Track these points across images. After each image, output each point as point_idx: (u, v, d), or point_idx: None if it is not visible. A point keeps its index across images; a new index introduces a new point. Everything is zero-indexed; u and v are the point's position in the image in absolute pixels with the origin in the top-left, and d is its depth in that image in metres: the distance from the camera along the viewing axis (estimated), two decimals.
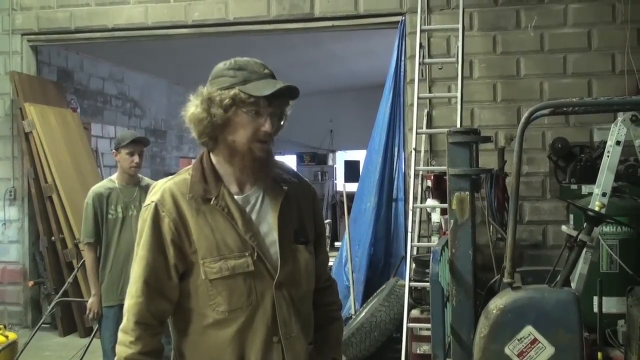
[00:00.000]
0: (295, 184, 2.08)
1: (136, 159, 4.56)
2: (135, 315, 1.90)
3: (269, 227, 1.97)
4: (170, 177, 2.03)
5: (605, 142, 4.15)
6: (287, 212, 2.00)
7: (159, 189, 1.96)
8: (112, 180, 4.66)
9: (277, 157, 2.06)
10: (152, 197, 1.96)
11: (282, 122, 2.00)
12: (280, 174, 2.06)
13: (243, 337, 1.92)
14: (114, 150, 4.68)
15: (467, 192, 3.45)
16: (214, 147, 1.97)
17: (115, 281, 4.50)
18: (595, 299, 3.94)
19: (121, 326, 1.94)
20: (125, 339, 1.90)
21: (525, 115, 3.23)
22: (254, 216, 1.97)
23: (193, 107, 1.92)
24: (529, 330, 3.06)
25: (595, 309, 3.92)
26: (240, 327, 1.91)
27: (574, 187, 5.35)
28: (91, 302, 4.57)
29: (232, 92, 1.88)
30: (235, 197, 1.96)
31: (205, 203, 1.92)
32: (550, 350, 3.04)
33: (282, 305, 1.94)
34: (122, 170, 4.62)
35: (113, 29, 7.26)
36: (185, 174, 1.99)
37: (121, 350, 1.91)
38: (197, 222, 1.91)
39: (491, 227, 5.17)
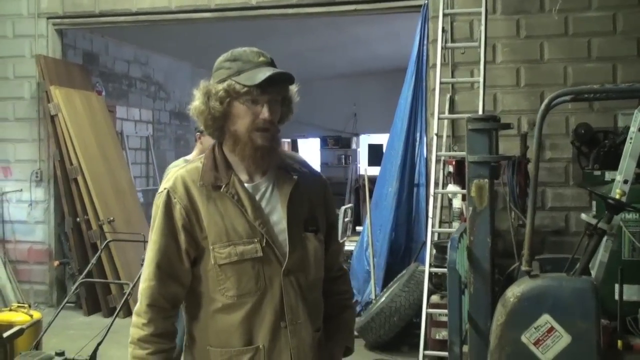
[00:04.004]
0: (306, 174, 2.10)
1: None
2: (148, 298, 1.95)
3: (279, 215, 1.99)
4: (183, 165, 2.08)
5: (629, 128, 4.08)
6: (297, 200, 2.02)
7: (171, 177, 2.01)
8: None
9: (301, 140, 2.06)
10: (165, 184, 2.01)
11: (288, 108, 2.02)
12: (291, 164, 2.09)
13: (251, 322, 1.95)
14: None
15: (486, 180, 3.44)
16: (221, 137, 2.01)
17: None
18: (617, 287, 3.91)
19: (135, 309, 1.99)
20: (138, 321, 1.96)
21: (545, 101, 3.20)
22: (263, 204, 2.00)
23: (196, 101, 1.97)
24: (545, 319, 3.05)
25: (617, 297, 3.89)
26: (249, 311, 1.94)
27: (597, 173, 5.27)
28: None
29: (226, 84, 1.92)
30: (246, 185, 1.99)
31: (215, 190, 1.96)
32: (566, 338, 3.03)
33: (289, 291, 1.96)
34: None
35: (137, 13, 7.29)
36: (197, 162, 2.03)
37: (134, 331, 1.96)
38: (207, 209, 1.94)
39: (513, 213, 5.13)
